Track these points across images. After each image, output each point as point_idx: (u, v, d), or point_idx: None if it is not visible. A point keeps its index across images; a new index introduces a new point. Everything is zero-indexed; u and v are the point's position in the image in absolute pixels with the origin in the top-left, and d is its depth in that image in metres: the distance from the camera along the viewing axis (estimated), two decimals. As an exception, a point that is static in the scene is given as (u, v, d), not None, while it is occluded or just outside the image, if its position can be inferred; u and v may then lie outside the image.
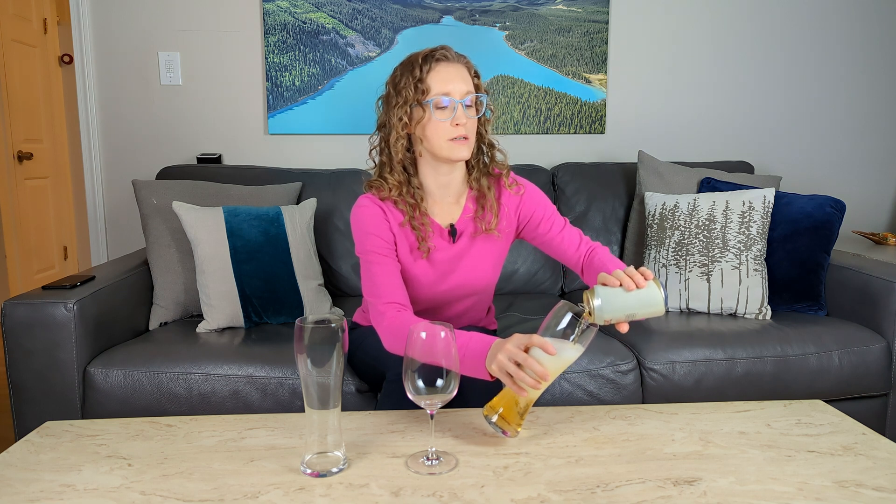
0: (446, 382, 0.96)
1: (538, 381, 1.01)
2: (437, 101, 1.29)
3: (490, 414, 1.06)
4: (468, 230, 1.41)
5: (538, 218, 1.44)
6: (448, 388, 0.96)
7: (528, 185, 1.47)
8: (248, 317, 1.82)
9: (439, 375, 0.96)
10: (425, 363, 0.96)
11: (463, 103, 1.29)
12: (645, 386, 1.66)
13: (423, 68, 1.30)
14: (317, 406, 0.96)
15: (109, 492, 0.91)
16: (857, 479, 0.94)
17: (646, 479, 0.94)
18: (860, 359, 1.74)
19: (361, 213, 1.35)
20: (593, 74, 2.57)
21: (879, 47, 2.68)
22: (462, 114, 1.29)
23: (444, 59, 1.31)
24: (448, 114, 1.29)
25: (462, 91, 1.30)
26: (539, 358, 1.01)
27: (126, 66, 2.45)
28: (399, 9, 2.48)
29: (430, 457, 1.00)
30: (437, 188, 1.40)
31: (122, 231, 2.52)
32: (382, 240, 1.33)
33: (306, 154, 2.50)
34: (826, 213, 1.93)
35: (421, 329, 0.96)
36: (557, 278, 2.30)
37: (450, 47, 1.34)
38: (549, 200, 1.47)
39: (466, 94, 1.30)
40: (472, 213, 1.42)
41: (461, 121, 1.29)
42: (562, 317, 1.03)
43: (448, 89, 1.29)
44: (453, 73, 1.30)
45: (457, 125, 1.29)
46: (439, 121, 1.29)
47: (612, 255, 1.39)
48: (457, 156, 1.31)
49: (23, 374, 1.55)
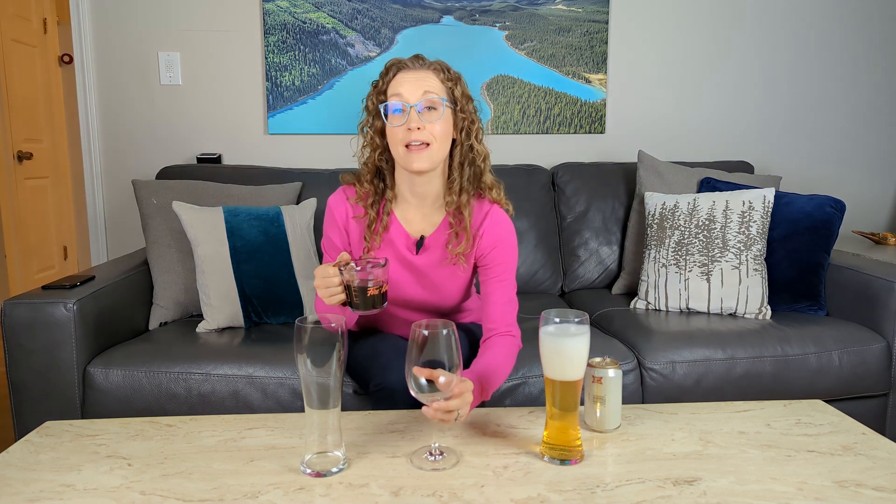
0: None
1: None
2: (390, 104, 1.26)
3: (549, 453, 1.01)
4: (437, 251, 1.35)
5: (487, 257, 1.34)
6: None
7: (505, 224, 1.35)
8: (247, 317, 1.82)
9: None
10: (428, 359, 0.95)
11: (416, 107, 1.23)
12: (645, 386, 1.66)
13: (384, 78, 1.29)
14: (317, 406, 0.96)
15: (109, 492, 0.91)
16: (857, 479, 0.94)
17: (645, 479, 0.94)
18: (860, 359, 1.74)
19: (327, 210, 1.39)
20: (593, 74, 2.57)
21: (879, 47, 2.68)
22: (415, 117, 1.23)
23: (404, 67, 1.28)
24: (401, 118, 1.24)
25: (417, 93, 1.24)
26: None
27: (126, 66, 2.45)
28: (399, 9, 2.48)
29: (433, 452, 1.00)
30: (412, 196, 1.34)
31: (122, 231, 2.52)
32: (333, 240, 1.38)
33: (306, 154, 2.50)
34: (826, 213, 1.93)
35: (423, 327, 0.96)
36: (557, 278, 2.30)
37: (422, 56, 1.31)
38: (514, 254, 1.35)
39: (423, 96, 1.24)
40: (445, 235, 1.34)
41: (413, 124, 1.23)
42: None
43: (401, 92, 1.25)
44: (409, 77, 1.26)
45: (409, 130, 1.23)
46: (393, 126, 1.25)
47: (505, 354, 1.28)
48: (414, 165, 1.24)
49: (23, 374, 1.55)
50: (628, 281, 2.20)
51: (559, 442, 1.00)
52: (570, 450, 1.00)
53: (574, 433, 1.01)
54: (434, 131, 1.25)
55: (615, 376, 1.11)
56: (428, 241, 1.35)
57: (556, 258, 2.31)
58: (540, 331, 1.01)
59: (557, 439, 1.01)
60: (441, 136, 1.26)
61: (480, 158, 1.32)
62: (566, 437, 1.00)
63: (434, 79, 1.27)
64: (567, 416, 1.00)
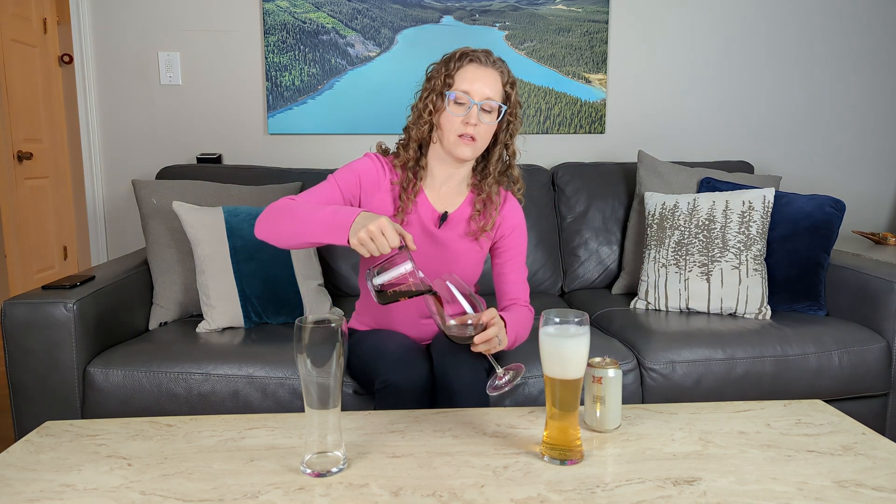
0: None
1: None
2: (456, 95, 1.35)
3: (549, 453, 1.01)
4: (459, 226, 1.46)
5: (506, 239, 1.49)
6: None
7: (520, 212, 1.51)
8: (248, 317, 1.82)
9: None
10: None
11: (478, 105, 1.34)
12: (645, 386, 1.66)
13: (455, 63, 1.37)
14: (317, 406, 0.96)
15: (109, 492, 0.91)
16: (856, 479, 0.94)
17: (645, 478, 0.94)
18: (860, 359, 1.74)
19: (358, 161, 1.44)
20: (593, 74, 2.57)
21: (880, 47, 2.68)
22: (475, 114, 1.34)
23: (476, 60, 1.37)
24: (462, 110, 1.35)
25: (483, 94, 1.35)
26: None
27: (126, 66, 2.45)
28: (399, 9, 2.48)
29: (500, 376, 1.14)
30: (441, 176, 1.46)
31: (122, 231, 2.52)
32: (351, 183, 1.41)
33: (306, 154, 2.50)
34: (826, 212, 1.93)
35: None
36: (557, 278, 2.30)
37: (491, 52, 1.40)
38: (526, 240, 1.52)
39: (486, 99, 1.35)
40: (468, 213, 1.46)
41: (472, 120, 1.34)
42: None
43: (468, 88, 1.35)
44: (480, 75, 1.36)
45: (466, 123, 1.34)
46: (452, 114, 1.35)
47: (525, 319, 1.42)
48: (459, 153, 1.38)
49: (23, 374, 1.55)
50: (628, 281, 2.20)
51: (559, 442, 1.00)
52: (570, 450, 1.00)
53: (574, 433, 1.01)
54: (485, 129, 1.38)
55: (615, 376, 1.11)
56: (452, 216, 1.45)
57: (556, 258, 2.31)
58: (540, 331, 1.01)
59: (557, 439, 1.01)
60: (488, 133, 1.39)
61: (513, 155, 1.47)
62: (566, 437, 1.00)
63: (498, 82, 1.38)
64: (567, 416, 1.00)
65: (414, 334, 1.49)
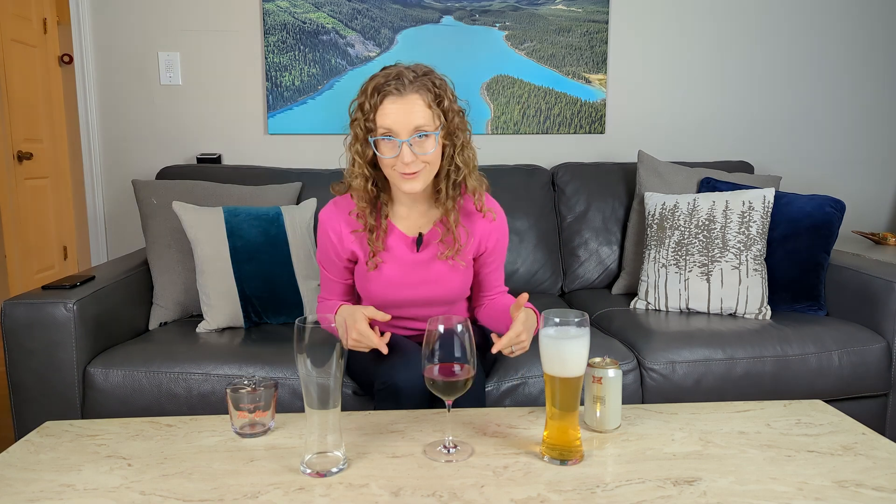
0: (464, 372, 1.00)
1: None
2: (379, 141, 1.26)
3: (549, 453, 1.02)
4: (433, 247, 1.40)
5: (490, 253, 1.45)
6: (465, 383, 1.01)
7: (500, 215, 1.45)
8: (247, 317, 1.82)
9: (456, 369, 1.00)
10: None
11: (407, 142, 1.24)
12: (645, 386, 1.66)
13: (370, 103, 1.26)
14: (317, 406, 0.96)
15: (109, 492, 0.91)
16: (856, 479, 0.94)
17: (646, 479, 0.94)
18: (860, 359, 1.74)
19: (319, 227, 1.43)
20: (593, 74, 2.57)
21: (879, 47, 2.68)
22: (407, 152, 1.24)
23: (392, 93, 1.24)
24: (393, 151, 1.26)
25: (409, 127, 1.24)
26: None
27: (126, 66, 2.45)
28: (399, 9, 2.48)
29: (447, 445, 1.01)
30: (406, 201, 1.39)
31: (122, 231, 2.52)
32: (331, 262, 1.43)
33: (306, 154, 2.50)
34: (826, 213, 1.93)
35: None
36: (557, 278, 2.30)
37: (404, 71, 1.27)
38: (507, 240, 1.49)
39: (414, 131, 1.24)
40: (440, 233, 1.40)
41: (405, 159, 1.24)
42: None
43: (391, 126, 1.24)
44: (399, 108, 1.24)
45: (402, 163, 1.25)
46: (383, 157, 1.27)
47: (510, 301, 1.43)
48: (408, 189, 1.30)
49: (23, 374, 1.55)
50: (628, 281, 2.20)
51: (559, 442, 1.00)
52: (570, 450, 1.00)
53: (574, 433, 1.01)
54: (426, 158, 1.27)
55: (615, 376, 1.11)
56: (427, 237, 1.40)
57: (556, 258, 2.31)
58: (540, 332, 1.01)
59: (557, 439, 1.01)
60: (433, 158, 1.29)
61: (466, 166, 1.34)
62: (566, 437, 1.00)
63: (422, 105, 1.25)
64: (567, 416, 1.00)
65: (411, 334, 1.50)
